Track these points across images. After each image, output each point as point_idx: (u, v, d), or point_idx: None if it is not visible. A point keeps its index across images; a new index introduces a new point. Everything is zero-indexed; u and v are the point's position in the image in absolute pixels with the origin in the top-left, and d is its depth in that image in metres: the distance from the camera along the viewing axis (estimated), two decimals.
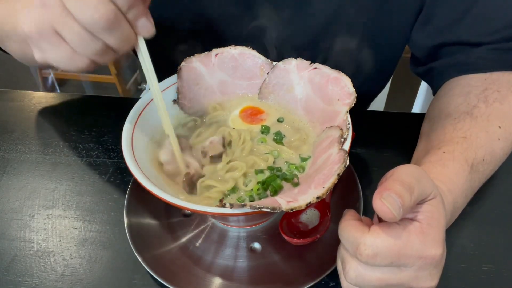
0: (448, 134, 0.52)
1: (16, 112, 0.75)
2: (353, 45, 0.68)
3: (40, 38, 0.39)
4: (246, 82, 0.57)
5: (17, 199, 0.60)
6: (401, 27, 0.66)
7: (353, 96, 0.48)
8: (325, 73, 0.51)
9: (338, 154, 0.42)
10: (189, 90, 0.55)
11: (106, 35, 0.39)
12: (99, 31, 0.38)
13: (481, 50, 0.59)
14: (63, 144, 0.68)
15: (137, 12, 0.40)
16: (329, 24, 0.65)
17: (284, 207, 0.36)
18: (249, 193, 0.46)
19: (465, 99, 0.56)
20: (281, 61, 0.55)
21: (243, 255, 0.51)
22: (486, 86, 0.56)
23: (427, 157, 0.50)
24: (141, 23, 0.41)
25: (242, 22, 0.66)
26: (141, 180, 0.42)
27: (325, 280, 0.49)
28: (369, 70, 0.74)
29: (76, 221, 0.56)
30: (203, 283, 0.48)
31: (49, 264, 0.52)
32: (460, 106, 0.55)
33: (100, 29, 0.38)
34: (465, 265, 0.50)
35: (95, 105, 0.77)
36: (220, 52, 0.55)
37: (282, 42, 0.66)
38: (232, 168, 0.48)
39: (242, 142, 0.51)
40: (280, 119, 0.55)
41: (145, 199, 0.56)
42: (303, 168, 0.48)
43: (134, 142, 0.47)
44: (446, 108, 0.57)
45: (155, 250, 0.51)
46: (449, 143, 0.50)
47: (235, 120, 0.55)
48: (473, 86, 0.57)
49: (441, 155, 0.49)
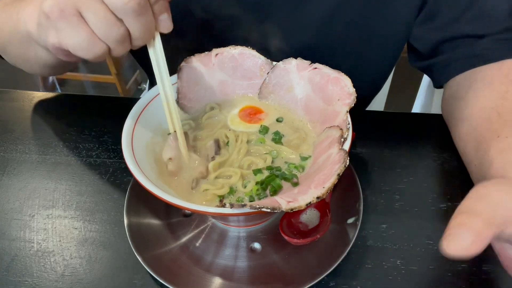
0: (495, 122, 0.49)
1: (16, 112, 0.75)
2: (352, 44, 0.68)
3: (60, 18, 0.38)
4: (246, 82, 0.57)
5: (17, 199, 0.60)
6: (401, 25, 0.66)
7: (353, 96, 0.48)
8: (325, 73, 0.51)
9: (338, 154, 0.42)
10: (189, 90, 0.55)
11: (132, 21, 0.39)
12: (127, 15, 0.38)
13: (486, 42, 0.58)
14: (63, 144, 0.68)
15: (162, 6, 0.40)
16: (329, 24, 0.65)
17: (284, 207, 0.37)
18: (248, 193, 0.46)
19: (491, 89, 0.54)
20: (281, 61, 0.55)
21: (243, 255, 0.51)
22: (506, 72, 0.55)
23: (492, 149, 0.46)
24: (163, 18, 0.41)
25: (241, 22, 0.66)
26: (141, 180, 0.42)
27: (325, 280, 0.49)
28: (368, 70, 0.74)
29: (76, 221, 0.56)
30: (203, 283, 0.48)
31: (49, 264, 0.52)
32: (490, 96, 0.53)
33: (128, 13, 0.38)
34: (465, 265, 0.50)
35: (95, 105, 0.77)
36: (220, 52, 0.55)
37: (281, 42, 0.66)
38: (224, 175, 0.48)
39: (240, 142, 0.51)
40: (279, 119, 0.55)
41: (145, 199, 0.56)
42: (302, 167, 0.48)
43: (134, 141, 0.47)
44: (476, 102, 0.55)
45: (155, 250, 0.51)
46: (505, 127, 0.47)
47: (233, 119, 0.55)
48: (493, 76, 0.56)
49: (505, 140, 0.46)
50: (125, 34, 0.40)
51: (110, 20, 0.38)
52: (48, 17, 0.39)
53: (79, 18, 0.38)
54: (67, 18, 0.38)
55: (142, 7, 0.38)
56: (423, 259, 0.50)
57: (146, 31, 0.40)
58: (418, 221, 0.55)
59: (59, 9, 0.38)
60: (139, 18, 0.39)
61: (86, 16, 0.38)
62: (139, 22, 0.39)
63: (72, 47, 0.40)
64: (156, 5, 0.40)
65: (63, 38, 0.40)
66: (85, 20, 0.38)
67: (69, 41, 0.40)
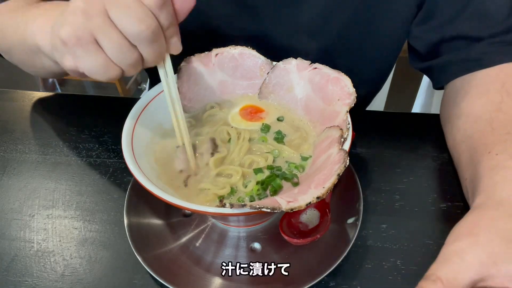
0: (489, 136, 0.50)
1: (16, 112, 0.75)
2: (351, 43, 0.68)
3: (77, 45, 0.39)
4: (246, 82, 0.57)
5: (17, 199, 0.60)
6: (399, 23, 0.66)
7: (353, 96, 0.48)
8: (325, 73, 0.51)
9: (338, 154, 0.42)
10: (189, 90, 0.55)
11: (145, 47, 0.40)
12: (141, 42, 0.40)
13: (483, 45, 0.58)
14: (63, 144, 0.68)
15: (173, 30, 0.42)
16: (327, 23, 0.65)
17: (284, 207, 0.37)
18: (249, 193, 0.46)
19: (487, 98, 0.54)
20: (281, 61, 0.55)
21: (243, 255, 0.51)
22: (503, 80, 0.55)
23: (482, 164, 0.48)
24: (174, 41, 0.43)
25: (239, 22, 0.66)
26: (141, 180, 0.42)
27: (325, 280, 0.49)
28: (367, 69, 0.74)
29: (76, 221, 0.56)
30: (203, 283, 0.48)
31: (49, 264, 0.52)
32: (485, 106, 0.54)
33: (142, 40, 0.39)
34: None
35: (95, 105, 0.77)
36: (220, 52, 0.55)
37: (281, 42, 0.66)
38: (225, 173, 0.48)
39: (242, 140, 0.51)
40: (280, 118, 0.55)
41: (145, 199, 0.56)
42: (303, 167, 0.48)
43: (134, 141, 0.47)
44: (471, 111, 0.55)
45: (155, 250, 0.51)
46: (497, 144, 0.48)
47: (235, 117, 0.55)
48: (489, 84, 0.56)
49: (495, 158, 0.47)
50: (139, 59, 0.41)
51: (125, 47, 0.39)
52: (65, 43, 0.40)
53: (95, 45, 0.39)
54: (84, 46, 0.39)
55: (155, 35, 0.39)
56: (423, 259, 0.50)
57: (157, 54, 0.42)
58: (418, 221, 0.55)
59: (76, 36, 0.39)
60: (152, 45, 0.40)
61: (102, 43, 0.39)
62: (152, 48, 0.41)
63: (88, 71, 0.41)
64: (168, 30, 0.41)
65: (79, 63, 0.41)
66: (101, 47, 0.40)
67: (85, 66, 0.41)
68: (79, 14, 0.39)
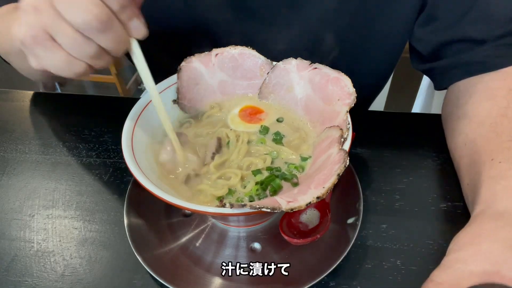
0: (493, 142, 0.50)
1: (16, 112, 0.75)
2: (352, 44, 0.68)
3: (35, 44, 0.39)
4: (246, 82, 0.57)
5: (17, 199, 0.60)
6: (401, 24, 0.65)
7: (353, 96, 0.48)
8: (325, 73, 0.51)
9: (338, 154, 0.42)
10: (189, 90, 0.55)
11: (100, 37, 0.38)
12: (93, 33, 0.38)
13: (487, 48, 0.58)
14: (63, 144, 0.68)
15: (129, 13, 0.40)
16: (328, 24, 0.65)
17: (284, 207, 0.37)
18: (248, 194, 0.46)
19: (493, 103, 0.54)
20: (281, 61, 0.55)
21: (243, 255, 0.51)
22: (510, 85, 0.54)
23: (483, 172, 0.47)
24: (134, 25, 0.41)
25: (239, 27, 0.65)
26: (141, 180, 0.42)
27: (325, 280, 0.49)
28: (369, 70, 0.74)
29: (76, 221, 0.56)
30: (203, 283, 0.48)
31: (49, 264, 0.52)
32: (491, 111, 0.53)
33: (93, 30, 0.37)
34: None
35: (95, 105, 0.77)
36: (220, 52, 0.55)
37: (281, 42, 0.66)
38: (225, 176, 0.48)
39: (241, 143, 0.51)
40: (279, 119, 0.55)
41: (145, 199, 0.56)
42: (302, 168, 0.48)
43: (134, 141, 0.47)
44: (475, 115, 0.55)
45: (155, 250, 0.51)
46: (501, 151, 0.48)
47: (234, 119, 0.55)
48: (496, 89, 0.55)
49: (498, 166, 0.47)
50: (99, 50, 0.40)
51: (79, 39, 0.38)
52: (23, 43, 0.39)
53: (52, 42, 0.38)
54: (41, 44, 0.38)
55: (105, 23, 0.37)
56: (423, 259, 0.50)
57: (116, 42, 0.40)
58: (418, 221, 0.55)
59: (31, 35, 0.38)
60: (106, 34, 0.38)
61: (57, 39, 0.38)
62: (107, 37, 0.38)
63: (53, 69, 0.40)
64: (123, 14, 0.39)
65: (42, 62, 0.40)
66: (58, 43, 0.38)
67: (48, 65, 0.40)
68: (30, 11, 0.38)
